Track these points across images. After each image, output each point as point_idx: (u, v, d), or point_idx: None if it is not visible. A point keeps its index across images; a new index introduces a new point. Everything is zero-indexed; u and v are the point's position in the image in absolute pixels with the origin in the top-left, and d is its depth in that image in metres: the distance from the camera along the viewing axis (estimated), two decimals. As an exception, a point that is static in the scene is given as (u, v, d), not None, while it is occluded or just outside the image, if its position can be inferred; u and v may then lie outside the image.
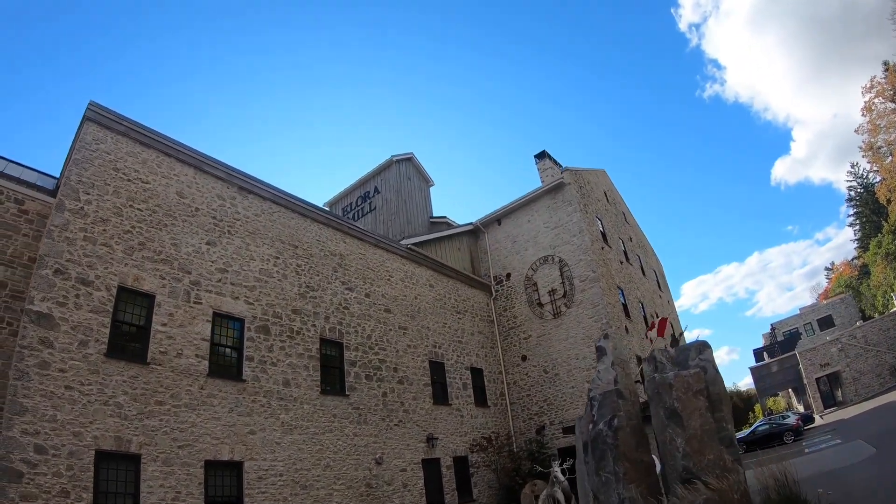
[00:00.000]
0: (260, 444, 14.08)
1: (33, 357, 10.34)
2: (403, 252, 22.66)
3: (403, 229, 27.98)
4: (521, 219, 26.72)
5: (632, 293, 27.36)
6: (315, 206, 19.36)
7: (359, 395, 17.88)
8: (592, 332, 22.57)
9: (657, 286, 35.75)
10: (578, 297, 23.53)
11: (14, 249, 11.97)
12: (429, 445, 19.78)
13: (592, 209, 26.61)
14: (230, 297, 15.04)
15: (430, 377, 21.30)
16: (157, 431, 11.85)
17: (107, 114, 13.64)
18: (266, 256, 16.71)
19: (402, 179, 30.51)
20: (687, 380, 8.88)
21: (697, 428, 8.46)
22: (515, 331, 25.48)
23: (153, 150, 14.64)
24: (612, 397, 9.70)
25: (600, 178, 30.97)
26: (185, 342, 13.30)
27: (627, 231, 32.36)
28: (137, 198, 13.77)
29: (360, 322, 19.18)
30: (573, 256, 24.17)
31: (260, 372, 14.92)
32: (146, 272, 13.20)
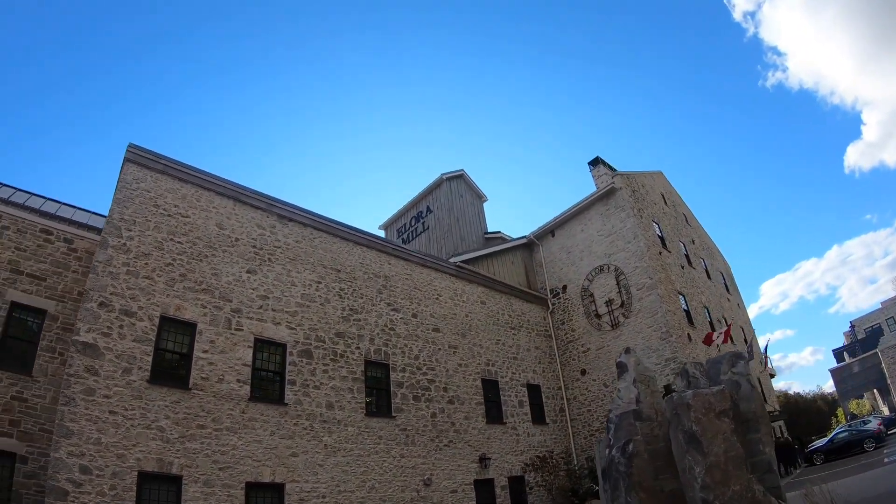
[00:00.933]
0: (302, 466, 15.02)
1: (80, 384, 11.69)
2: (452, 270, 23.39)
3: (457, 247, 28.72)
4: (574, 228, 26.98)
5: (695, 298, 26.93)
6: (357, 230, 20.42)
7: (406, 417, 18.59)
8: (652, 342, 22.53)
9: (725, 289, 34.97)
10: (636, 306, 23.50)
11: (64, 285, 13.62)
12: (481, 466, 20.19)
13: (648, 213, 26.54)
14: (271, 323, 16.18)
15: (482, 396, 21.78)
16: (198, 454, 12.98)
17: (145, 154, 15.19)
18: (308, 282, 17.82)
19: (454, 197, 31.35)
20: (708, 399, 8.20)
21: (720, 455, 7.74)
22: (573, 344, 25.65)
23: (192, 185, 16.09)
24: (629, 419, 9.27)
25: (657, 180, 30.75)
26: (226, 368, 14.48)
27: (689, 233, 31.91)
28: (178, 231, 15.18)
29: (406, 343, 19.98)
30: (629, 264, 24.21)
31: (302, 395, 15.93)
32: (187, 302, 14.51)
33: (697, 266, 30.34)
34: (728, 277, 37.80)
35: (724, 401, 8.22)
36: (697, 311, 26.51)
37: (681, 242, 29.30)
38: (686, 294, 25.90)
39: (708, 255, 34.42)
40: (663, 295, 23.22)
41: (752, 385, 9.05)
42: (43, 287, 13.63)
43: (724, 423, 8.03)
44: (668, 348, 22.07)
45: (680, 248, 28.81)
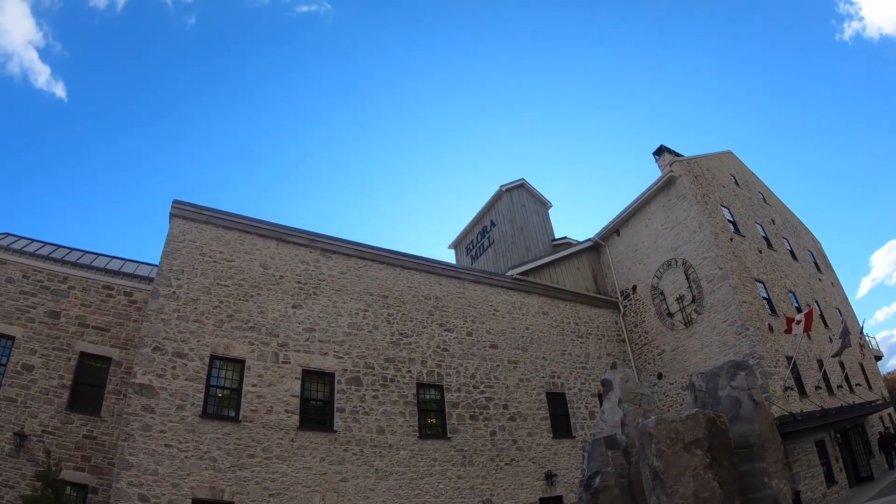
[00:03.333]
0: (353, 491, 17.58)
1: (137, 421, 14.95)
2: (508, 283, 25.53)
3: (522, 257, 30.66)
4: (638, 225, 28.52)
5: (777, 284, 27.55)
6: (403, 254, 23.07)
7: (462, 437, 20.80)
8: (729, 338, 23.54)
9: (815, 268, 34.97)
10: (708, 301, 24.63)
11: (126, 334, 17.24)
12: (548, 483, 21.97)
13: (715, 198, 27.52)
14: (318, 354, 19.02)
15: (547, 410, 23.68)
16: (248, 481, 15.89)
17: (189, 208, 18.59)
18: (354, 311, 20.57)
19: (516, 207, 33.50)
20: (675, 427, 7.58)
21: (689, 496, 7.15)
22: (648, 347, 27.10)
23: (235, 231, 19.33)
24: (601, 447, 9.06)
25: (725, 161, 31.60)
26: (274, 399, 17.41)
27: (768, 213, 32.39)
28: (223, 275, 18.36)
29: (461, 362, 22.28)
30: (696, 255, 25.41)
31: (352, 422, 18.59)
32: (235, 340, 17.59)
33: (779, 248, 30.81)
34: (818, 255, 37.60)
35: (695, 429, 7.49)
36: (781, 297, 27.15)
37: (757, 225, 29.96)
38: (765, 280, 26.64)
39: (792, 233, 34.60)
40: (736, 285, 24.16)
41: (756, 402, 8.49)
42: (107, 337, 17.54)
43: (696, 458, 7.32)
44: (746, 343, 22.96)
45: (756, 230, 29.49)
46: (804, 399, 23.73)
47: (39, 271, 17.92)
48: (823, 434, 24.58)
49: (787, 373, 23.45)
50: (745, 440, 8.23)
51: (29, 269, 17.82)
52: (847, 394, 28.30)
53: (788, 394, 22.86)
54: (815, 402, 24.23)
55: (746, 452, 8.13)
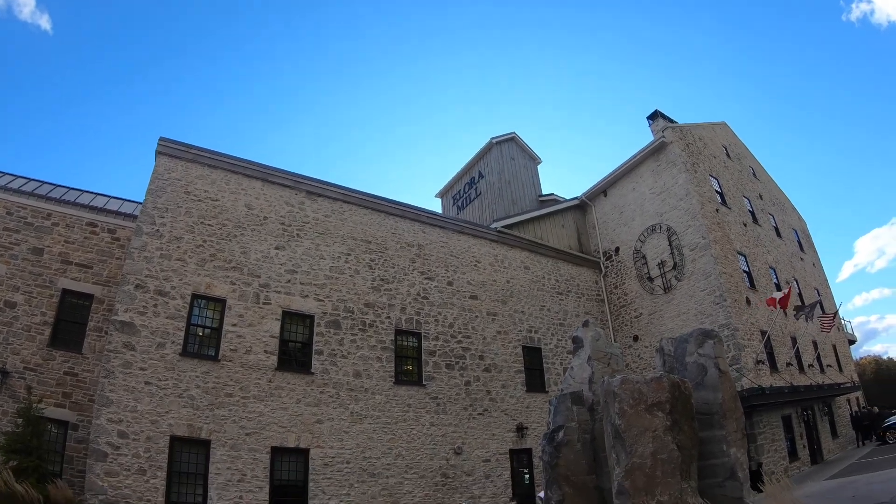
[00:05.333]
0: (327, 432, 18.44)
1: (118, 358, 15.59)
2: (493, 235, 26.16)
3: (508, 211, 31.30)
4: (625, 187, 29.14)
5: (759, 258, 28.49)
6: (389, 200, 23.52)
7: (437, 385, 21.70)
8: (706, 307, 24.47)
9: (798, 247, 36.06)
10: (689, 268, 25.46)
11: (109, 271, 17.73)
12: (518, 435, 23.06)
13: (704, 168, 28.12)
14: (299, 296, 19.61)
15: (522, 364, 24.65)
16: (226, 420, 16.65)
17: (175, 146, 18.88)
18: (337, 254, 21.11)
19: (505, 160, 34.00)
20: (639, 388, 7.84)
21: (647, 456, 7.41)
22: (626, 309, 28.05)
23: (221, 171, 19.66)
24: (567, 403, 9.27)
25: (718, 132, 32.16)
26: (254, 340, 18.06)
27: (757, 188, 33.20)
28: (208, 214, 18.77)
29: (440, 311, 23.02)
30: (681, 223, 26.12)
31: (329, 365, 19.33)
32: (217, 280, 18.12)
33: (765, 223, 31.69)
34: (803, 234, 38.75)
35: (659, 391, 7.76)
36: (762, 272, 28.13)
37: (745, 198, 30.73)
38: (748, 254, 27.52)
39: (779, 210, 35.53)
40: (718, 255, 24.99)
41: (722, 371, 8.73)
42: (90, 274, 18.02)
43: (657, 420, 7.61)
44: (722, 314, 23.89)
45: (743, 204, 30.27)
46: (775, 374, 24.84)
47: (23, 207, 18.20)
48: (790, 410, 25.75)
49: (760, 346, 24.46)
50: (707, 407, 8.48)
51: (12, 205, 18.10)
52: (817, 373, 29.58)
53: (759, 367, 23.90)
54: (785, 377, 25.36)
55: (708, 419, 8.37)
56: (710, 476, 8.03)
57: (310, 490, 17.40)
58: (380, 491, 18.75)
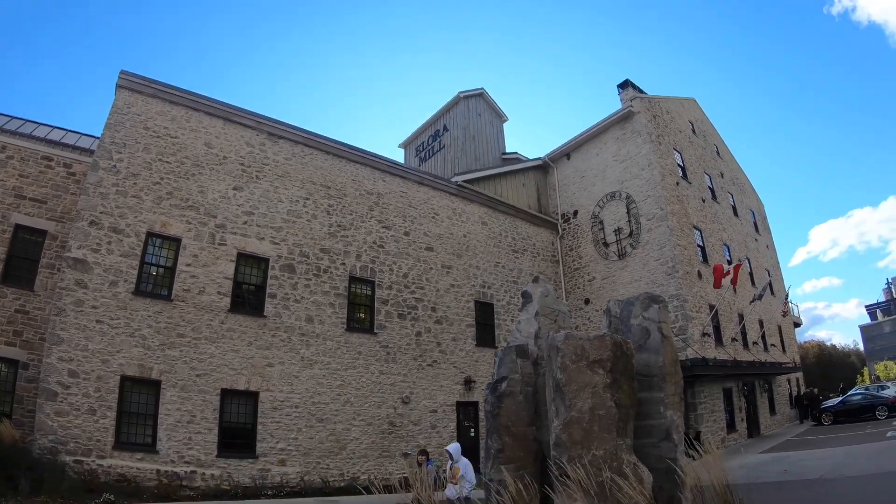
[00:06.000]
0: (277, 376, 18.93)
1: (70, 296, 15.71)
2: (453, 189, 26.53)
3: (470, 166, 31.70)
4: (589, 152, 29.69)
5: (714, 235, 29.57)
6: (350, 147, 23.60)
7: (389, 334, 22.30)
8: (658, 277, 25.41)
9: (753, 228, 37.40)
10: (644, 238, 26.31)
11: (63, 207, 17.72)
12: (466, 388, 23.93)
13: (669, 141, 28.80)
14: (255, 238, 19.80)
15: (474, 318, 25.40)
16: (177, 361, 16.99)
17: (137, 80, 18.65)
18: (295, 198, 21.26)
19: (472, 115, 34.26)
20: (581, 344, 8.07)
21: (585, 411, 7.73)
22: (580, 272, 28.91)
23: (181, 107, 19.52)
24: (511, 355, 9.51)
25: (687, 107, 32.85)
26: (207, 280, 18.29)
27: (719, 166, 34.19)
28: (166, 152, 18.72)
29: (395, 261, 23.45)
30: (641, 192, 26.84)
31: (282, 308, 19.69)
32: (173, 218, 18.20)
33: (723, 201, 32.82)
34: (759, 216, 40.17)
35: (601, 349, 7.98)
36: (715, 248, 29.21)
37: (706, 175, 31.66)
38: (703, 229, 28.51)
39: (738, 190, 36.72)
40: (674, 227, 25.85)
41: (665, 335, 8.98)
42: (44, 209, 18.03)
43: (597, 376, 7.85)
44: (674, 284, 24.88)
45: (704, 180, 31.19)
46: (719, 348, 26.11)
47: (-26, 140, 17.89)
48: (732, 384, 27.15)
49: (707, 320, 25.56)
50: (648, 369, 8.74)
51: (-37, 137, 17.75)
52: (761, 351, 31.18)
53: (705, 339, 25.04)
54: (729, 352, 26.64)
55: (647, 381, 8.64)
56: (646, 436, 8.34)
57: (258, 433, 17.95)
58: (327, 436, 19.38)
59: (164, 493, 15.13)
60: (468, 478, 10.87)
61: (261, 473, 17.50)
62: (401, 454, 20.63)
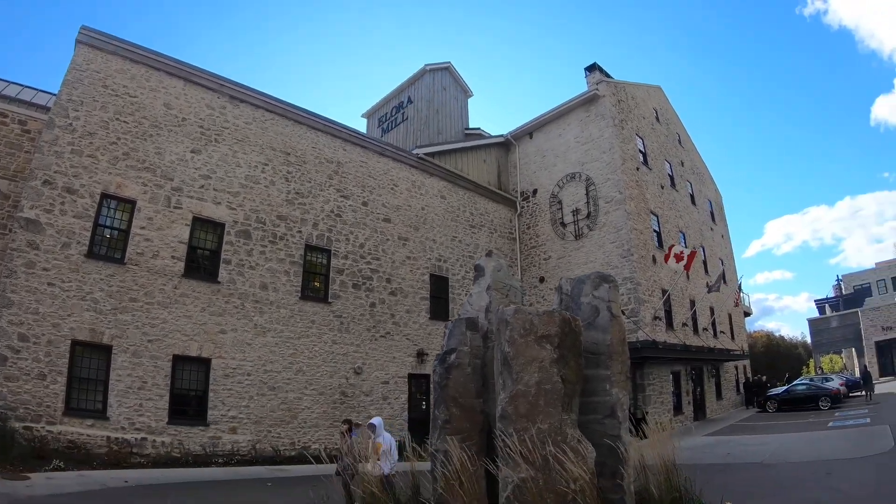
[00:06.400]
0: (230, 343, 19.09)
1: (21, 258, 15.60)
2: (413, 161, 26.74)
3: (432, 139, 32.04)
4: (552, 132, 30.19)
5: (671, 221, 30.50)
6: (312, 114, 23.59)
7: (343, 304, 22.56)
8: (612, 259, 26.13)
9: (710, 217, 38.66)
10: (602, 220, 26.96)
11: (17, 165, 17.46)
12: (418, 360, 24.43)
13: (632, 126, 29.44)
14: (212, 203, 19.78)
15: (429, 291, 25.86)
16: (128, 326, 17.02)
17: (97, 35, 18.34)
18: (254, 163, 21.23)
19: (437, 89, 34.56)
20: (530, 319, 8.13)
21: (532, 385, 7.81)
22: (537, 250, 29.54)
23: (142, 66, 19.25)
24: (462, 327, 9.57)
25: (652, 94, 33.57)
26: (162, 244, 18.27)
27: (679, 155, 35.12)
28: (124, 111, 18.51)
29: (352, 230, 23.65)
30: (600, 175, 27.42)
31: (237, 275, 19.79)
32: (129, 180, 18.08)
33: (682, 189, 33.81)
34: (717, 206, 41.60)
35: (549, 325, 8.09)
36: (671, 234, 30.14)
37: (667, 162, 32.55)
38: (660, 215, 29.38)
39: (697, 180, 37.81)
40: (632, 212, 26.53)
41: (614, 315, 9.11)
42: None
43: (545, 351, 7.94)
44: (628, 267, 25.65)
45: (664, 167, 32.07)
46: (670, 331, 27.10)
47: (-74, 93, 17.37)
48: (681, 367, 28.22)
49: (659, 304, 26.41)
50: (595, 347, 8.83)
51: (-86, 90, 17.23)
52: (710, 337, 32.45)
53: (656, 323, 25.92)
54: (679, 336, 27.65)
55: (595, 359, 8.73)
56: (592, 412, 8.48)
57: (210, 400, 18.21)
58: (279, 405, 19.71)
59: (114, 460, 15.34)
60: (391, 453, 10.83)
61: (212, 441, 17.80)
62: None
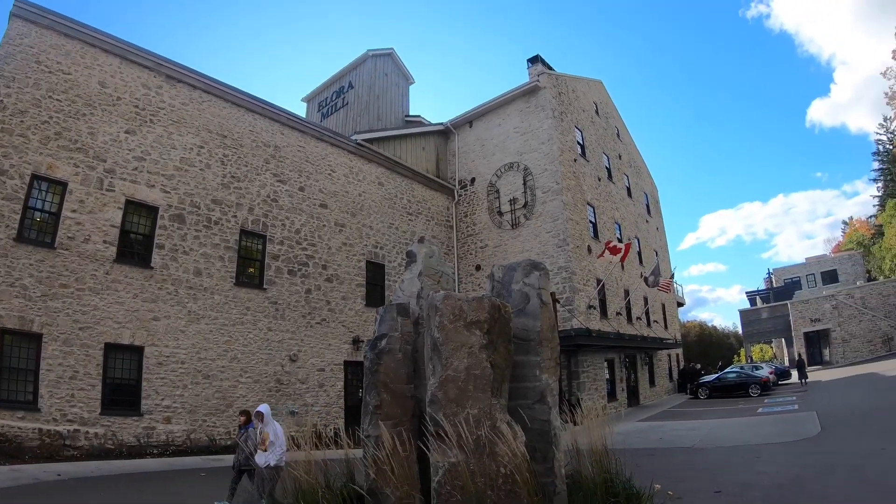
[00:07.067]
0: (163, 330, 19.06)
1: (-54, 241, 15.32)
2: (351, 147, 26.96)
3: (372, 125, 32.36)
4: (492, 122, 30.93)
5: (606, 213, 31.70)
6: (251, 96, 23.55)
7: (278, 290, 22.73)
8: (548, 248, 27.03)
9: (645, 210, 40.41)
10: (538, 209, 27.82)
11: (-58, 142, 16.80)
12: (354, 347, 24.78)
13: (571, 118, 30.41)
14: (145, 186, 19.63)
15: (365, 278, 26.25)
16: (59, 313, 16.83)
17: (32, 9, 17.92)
18: (189, 146, 21.12)
19: (378, 75, 34.88)
20: (460, 305, 8.29)
21: (461, 370, 7.99)
22: (473, 238, 30.24)
23: (77, 42, 18.88)
24: (393, 313, 9.71)
25: (593, 88, 34.70)
26: (93, 228, 18.09)
27: (617, 148, 36.52)
28: (57, 89, 18.17)
29: (289, 216, 23.79)
30: (538, 165, 28.27)
31: (170, 260, 19.73)
32: (60, 160, 17.80)
33: (618, 182, 35.22)
34: (653, 200, 43.53)
35: (479, 311, 8.23)
36: (607, 225, 31.37)
37: (605, 155, 33.80)
38: (597, 206, 30.47)
39: (634, 173, 39.40)
40: (568, 202, 27.44)
41: (544, 302, 9.29)
42: None
43: (474, 337, 8.11)
44: (563, 257, 26.57)
45: (602, 160, 33.29)
46: (604, 320, 28.28)
47: None
48: (615, 355, 29.49)
49: (594, 293, 27.44)
50: (526, 333, 9.00)
51: None
52: (644, 326, 33.96)
53: (591, 311, 26.97)
54: (613, 325, 28.86)
55: (525, 345, 8.90)
56: (522, 398, 8.66)
57: (143, 390, 18.17)
58: (213, 393, 19.82)
59: (47, 452, 15.28)
60: (278, 443, 10.77)
61: (146, 432, 17.83)
62: (287, 412, 21.30)
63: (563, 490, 8.29)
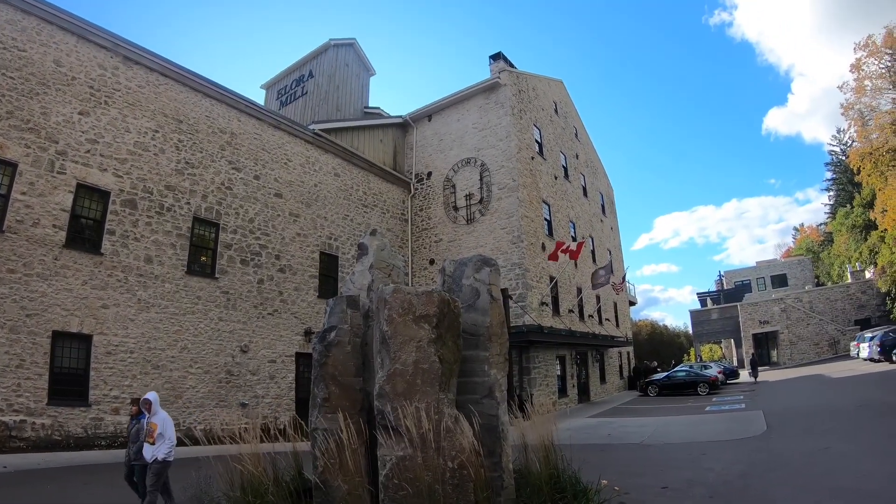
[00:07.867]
0: (112, 318, 18.97)
1: None
2: (308, 136, 27.07)
3: (331, 115, 32.50)
4: (451, 117, 31.43)
5: (562, 211, 32.52)
6: (208, 81, 23.47)
7: (230, 280, 22.77)
8: (502, 245, 27.62)
9: (601, 210, 41.58)
10: (494, 206, 28.39)
11: None
12: (306, 339, 24.98)
13: (530, 116, 31.10)
14: (97, 169, 19.46)
15: (318, 269, 26.45)
16: (6, 299, 16.61)
17: (-16, -19, 17.58)
18: (144, 129, 20.98)
19: (339, 65, 35.06)
20: (409, 299, 8.40)
21: (409, 364, 8.11)
22: (428, 232, 30.68)
23: (34, 18, 18.58)
24: (342, 305, 9.63)
25: (553, 87, 35.49)
26: (43, 212, 17.90)
27: (575, 148, 37.44)
28: (11, 66, 17.88)
29: (242, 204, 23.82)
30: (495, 162, 28.85)
31: (121, 246, 19.62)
32: (11, 140, 17.55)
33: (575, 181, 36.13)
34: (608, 200, 44.83)
35: (428, 305, 8.35)
36: (562, 223, 32.18)
37: (562, 154, 34.63)
38: (552, 204, 31.23)
39: (591, 173, 40.43)
40: (524, 199, 28.05)
41: (494, 297, 9.43)
42: None
43: (423, 331, 8.22)
44: (517, 253, 27.19)
45: (559, 159, 34.11)
46: (556, 317, 29.02)
47: None
48: (566, 352, 30.22)
49: (546, 290, 28.11)
50: (475, 329, 9.12)
51: None
52: (596, 324, 34.92)
53: (543, 308, 27.63)
54: (565, 322, 29.69)
55: (474, 340, 9.03)
56: (470, 392, 8.78)
57: (91, 380, 18.05)
58: (163, 384, 19.75)
59: (-9, 444, 15.13)
60: (167, 435, 10.16)
61: (94, 423, 17.76)
62: (238, 404, 21.44)
63: (510, 485, 8.50)
